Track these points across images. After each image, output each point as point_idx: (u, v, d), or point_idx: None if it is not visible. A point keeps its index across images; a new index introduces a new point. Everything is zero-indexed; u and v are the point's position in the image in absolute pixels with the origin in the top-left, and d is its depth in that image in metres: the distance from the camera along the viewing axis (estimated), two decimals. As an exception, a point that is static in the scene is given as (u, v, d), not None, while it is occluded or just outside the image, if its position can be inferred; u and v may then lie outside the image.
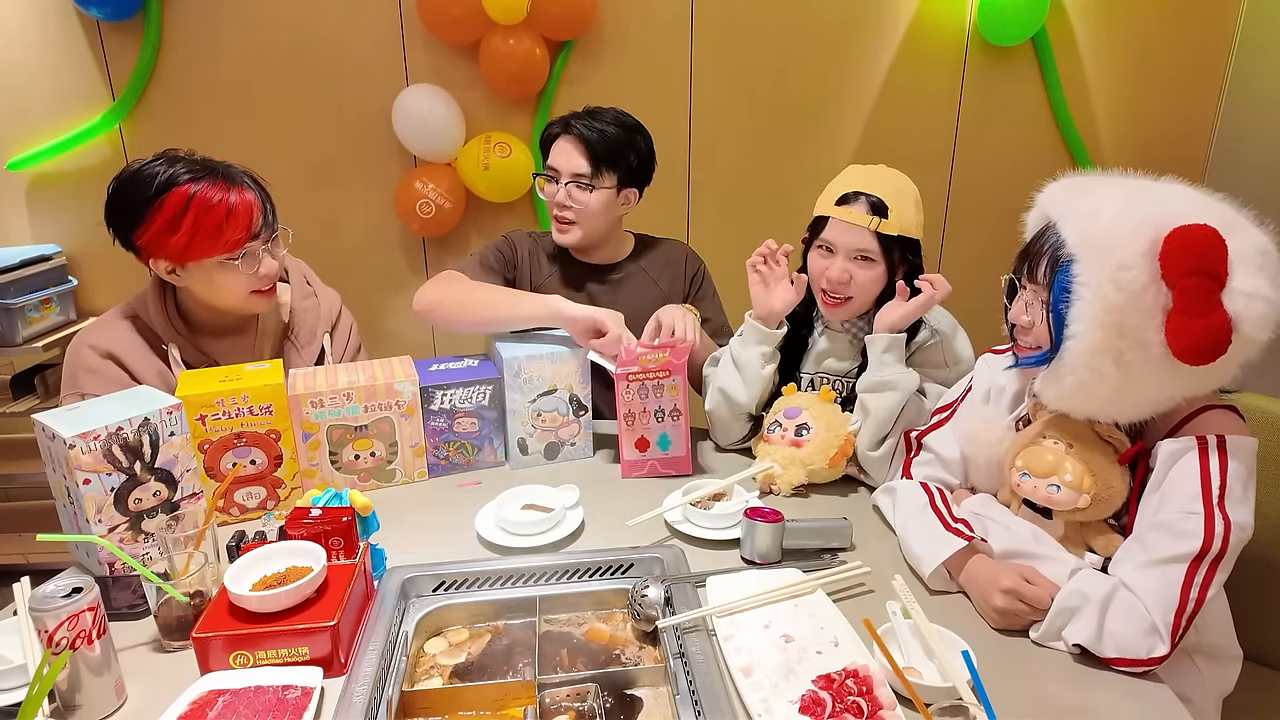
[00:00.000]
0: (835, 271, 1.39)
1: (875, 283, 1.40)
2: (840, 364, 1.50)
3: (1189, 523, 0.97)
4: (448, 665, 1.03)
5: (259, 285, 1.39)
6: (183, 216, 1.28)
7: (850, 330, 1.49)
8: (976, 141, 2.73)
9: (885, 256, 1.38)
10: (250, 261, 1.35)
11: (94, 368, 1.34)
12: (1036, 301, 1.07)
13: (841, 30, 2.60)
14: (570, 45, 2.55)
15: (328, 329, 1.56)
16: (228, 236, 1.31)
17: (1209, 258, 0.93)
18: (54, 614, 0.85)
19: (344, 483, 1.37)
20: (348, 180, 2.66)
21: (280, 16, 2.48)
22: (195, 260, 1.32)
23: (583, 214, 1.65)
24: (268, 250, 1.39)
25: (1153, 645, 0.95)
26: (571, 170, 1.64)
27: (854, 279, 1.39)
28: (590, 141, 1.63)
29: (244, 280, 1.36)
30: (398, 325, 2.80)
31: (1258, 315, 0.94)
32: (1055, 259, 1.02)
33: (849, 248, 1.38)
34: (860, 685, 0.90)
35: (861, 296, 1.41)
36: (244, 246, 1.33)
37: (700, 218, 2.79)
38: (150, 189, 1.28)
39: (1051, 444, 1.09)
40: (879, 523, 1.30)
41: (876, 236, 1.36)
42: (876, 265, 1.38)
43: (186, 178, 1.30)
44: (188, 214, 1.28)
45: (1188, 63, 2.66)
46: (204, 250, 1.30)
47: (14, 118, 2.49)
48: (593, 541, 1.25)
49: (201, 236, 1.29)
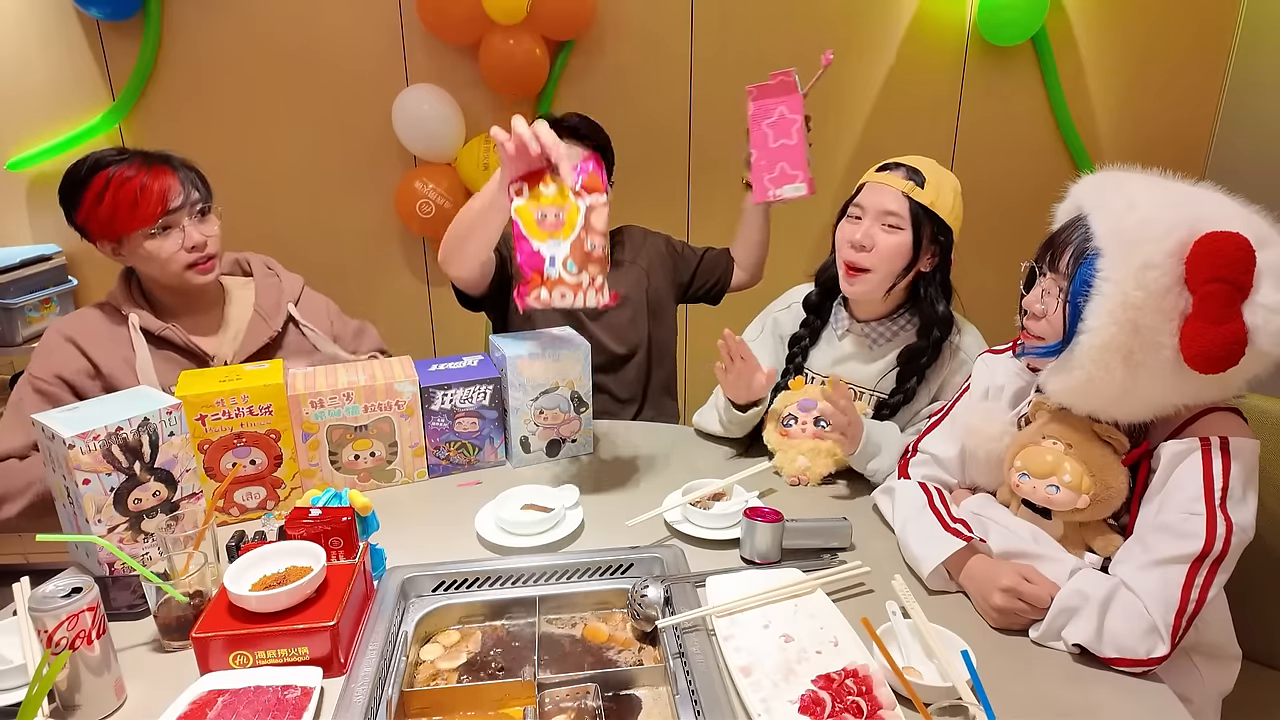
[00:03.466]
0: (859, 234, 1.37)
1: (898, 253, 1.36)
2: (859, 371, 1.48)
3: (1191, 524, 0.97)
4: (447, 666, 1.03)
5: (191, 258, 1.45)
6: (104, 193, 1.38)
7: (870, 335, 1.47)
8: (976, 141, 2.72)
9: (913, 226, 1.36)
10: (173, 235, 1.43)
11: (51, 348, 1.41)
12: (1055, 290, 1.06)
13: (842, 30, 2.60)
14: (570, 45, 2.55)
15: (291, 300, 1.61)
16: (143, 210, 1.39)
17: (1236, 267, 0.91)
18: (54, 614, 0.85)
19: (344, 483, 1.37)
20: (348, 180, 2.66)
21: (280, 17, 2.48)
22: (123, 234, 1.40)
23: None
24: (194, 225, 1.45)
25: (1153, 645, 0.95)
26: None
27: (877, 245, 1.36)
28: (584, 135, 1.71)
29: (174, 252, 1.43)
30: (398, 325, 2.80)
31: (1276, 330, 0.93)
32: (1081, 250, 1.01)
33: (878, 209, 1.37)
34: (860, 685, 0.90)
35: (882, 269, 1.38)
36: (160, 219, 1.40)
37: (700, 218, 2.78)
38: (80, 173, 1.41)
39: (1051, 444, 1.09)
40: (879, 522, 1.30)
41: (908, 201, 1.35)
42: (903, 233, 1.36)
43: (108, 162, 1.41)
44: (107, 191, 1.38)
45: (1187, 63, 2.66)
46: (125, 224, 1.39)
47: (14, 118, 2.49)
48: (592, 541, 1.25)
49: (121, 210, 1.38)
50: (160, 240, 1.42)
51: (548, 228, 1.17)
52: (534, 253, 1.17)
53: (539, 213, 1.18)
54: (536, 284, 1.17)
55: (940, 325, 1.41)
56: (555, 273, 1.17)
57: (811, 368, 1.54)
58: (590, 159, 1.23)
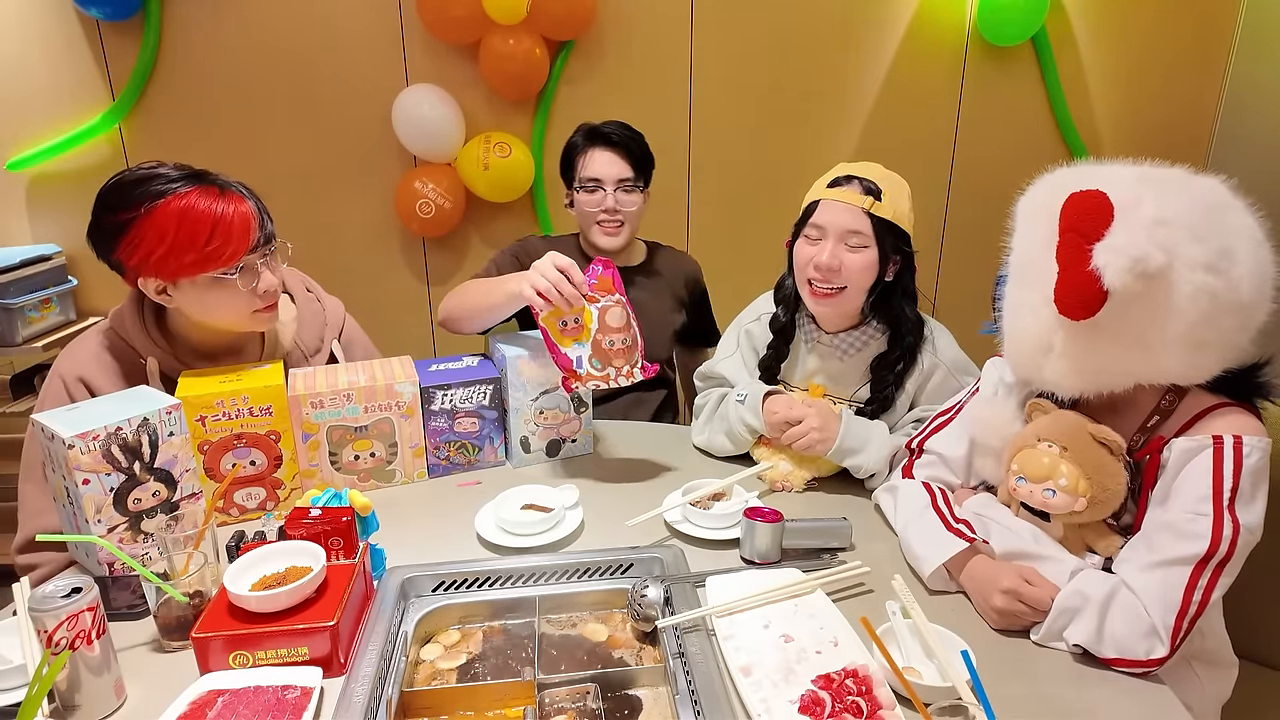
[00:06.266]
0: (825, 256, 1.34)
1: (866, 270, 1.35)
2: (833, 382, 1.47)
3: (1197, 524, 0.96)
4: (447, 666, 1.03)
5: (260, 303, 1.28)
6: (173, 229, 1.17)
7: (840, 347, 1.45)
8: (976, 141, 2.73)
9: (877, 242, 1.34)
10: (248, 276, 1.25)
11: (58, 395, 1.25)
12: None
13: (841, 30, 2.60)
14: (570, 45, 2.55)
15: (335, 334, 1.51)
16: (222, 249, 1.19)
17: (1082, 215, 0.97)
18: (53, 614, 0.85)
19: (344, 483, 1.37)
20: (348, 180, 2.66)
21: (280, 16, 2.49)
22: (188, 277, 1.21)
23: (632, 215, 1.79)
24: (266, 264, 1.28)
25: (1152, 647, 0.95)
26: (617, 176, 1.76)
27: (844, 265, 1.34)
28: (630, 147, 1.77)
29: (243, 298, 1.26)
30: (398, 325, 2.80)
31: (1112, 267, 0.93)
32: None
33: (840, 229, 1.34)
34: (860, 685, 0.90)
35: (852, 286, 1.36)
36: (240, 260, 1.22)
37: (700, 217, 2.79)
38: (136, 200, 1.17)
39: (1046, 447, 1.08)
40: (879, 522, 1.30)
41: (870, 218, 1.33)
42: (868, 250, 1.34)
43: (176, 187, 1.19)
44: (179, 226, 1.17)
45: (1187, 63, 2.66)
46: (197, 265, 1.19)
47: (14, 118, 2.49)
48: (592, 541, 1.25)
49: (193, 250, 1.18)
50: (233, 285, 1.23)
51: (569, 333, 1.34)
52: (564, 355, 1.33)
53: (560, 321, 1.33)
54: (573, 379, 1.34)
55: (911, 331, 1.41)
56: (584, 371, 1.34)
57: (787, 381, 1.53)
58: (599, 263, 1.35)
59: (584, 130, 1.80)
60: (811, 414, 1.36)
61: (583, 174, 1.78)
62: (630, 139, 1.79)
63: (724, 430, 1.48)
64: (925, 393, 1.43)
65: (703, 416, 1.56)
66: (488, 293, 1.51)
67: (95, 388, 1.26)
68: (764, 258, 1.96)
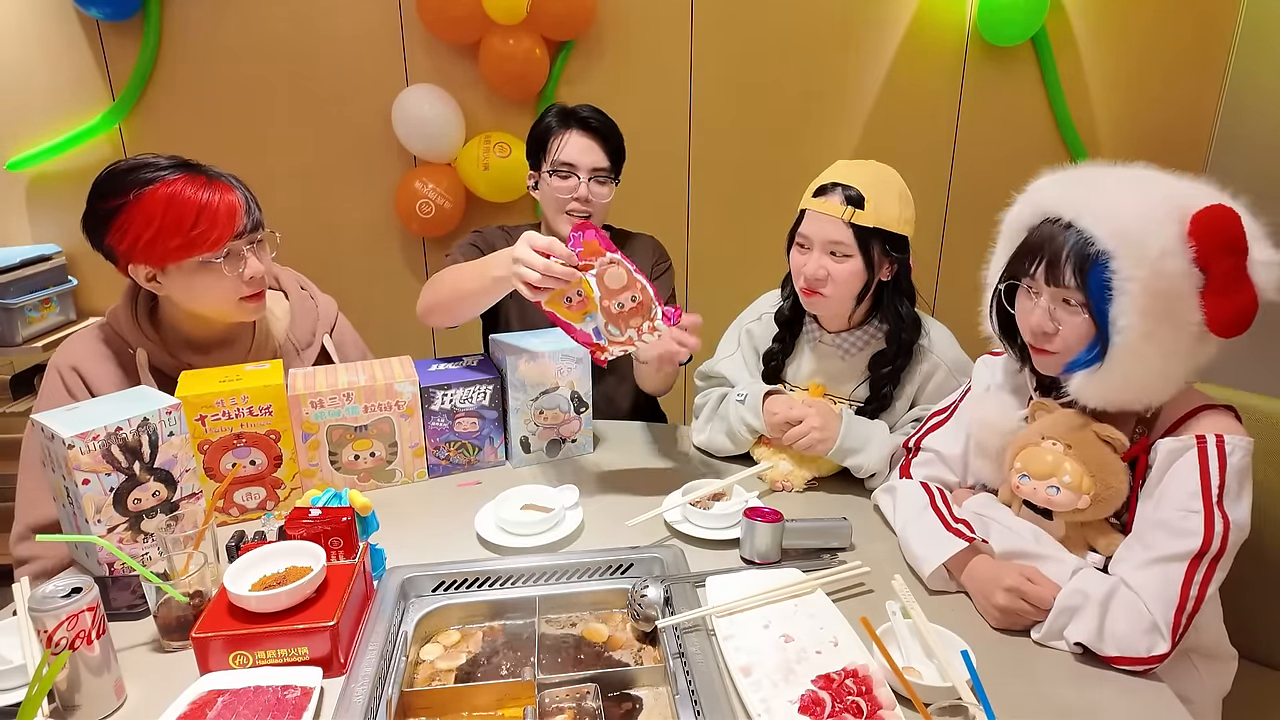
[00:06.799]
0: (810, 267, 1.35)
1: (853, 278, 1.35)
2: (834, 381, 1.47)
3: (1189, 521, 0.97)
4: (447, 666, 1.03)
5: (247, 290, 1.31)
6: (159, 214, 1.20)
7: (841, 346, 1.46)
8: (976, 141, 2.73)
9: (862, 250, 1.33)
10: (234, 261, 1.28)
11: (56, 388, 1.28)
12: (1060, 306, 1.04)
13: (841, 30, 2.60)
14: (570, 45, 2.55)
15: (327, 329, 1.53)
16: (207, 234, 1.23)
17: (1238, 237, 0.96)
18: (53, 614, 0.85)
19: (344, 483, 1.37)
20: (348, 180, 2.66)
21: (280, 16, 2.49)
22: (175, 262, 1.24)
23: (600, 207, 1.69)
24: (252, 251, 1.31)
25: (1153, 643, 0.95)
26: (592, 165, 1.66)
27: (830, 274, 1.34)
28: (607, 136, 1.68)
29: (229, 284, 1.28)
30: (397, 325, 2.79)
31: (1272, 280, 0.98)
32: (1083, 257, 0.99)
33: (823, 240, 1.34)
34: (860, 685, 0.90)
35: (839, 293, 1.36)
36: (226, 245, 1.25)
37: (700, 217, 2.79)
38: (117, 188, 1.21)
39: (1050, 445, 1.09)
40: (879, 522, 1.30)
41: (851, 228, 1.32)
42: (852, 260, 1.34)
43: (164, 175, 1.23)
44: (165, 211, 1.20)
45: (1187, 63, 2.66)
46: (183, 250, 1.22)
47: (14, 118, 2.49)
48: (592, 541, 1.25)
49: (177, 233, 1.21)
50: (219, 270, 1.26)
51: (576, 307, 1.27)
52: (580, 331, 1.27)
53: (564, 299, 1.27)
54: (598, 352, 1.28)
55: (907, 329, 1.41)
56: (604, 341, 1.27)
57: (788, 379, 1.53)
58: (579, 228, 1.27)
59: (557, 111, 1.70)
60: (812, 414, 1.36)
61: (556, 158, 1.66)
62: (608, 127, 1.69)
63: (724, 430, 1.48)
64: (925, 393, 1.43)
65: (703, 416, 1.56)
66: (467, 279, 1.43)
67: (88, 378, 1.28)
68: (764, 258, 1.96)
